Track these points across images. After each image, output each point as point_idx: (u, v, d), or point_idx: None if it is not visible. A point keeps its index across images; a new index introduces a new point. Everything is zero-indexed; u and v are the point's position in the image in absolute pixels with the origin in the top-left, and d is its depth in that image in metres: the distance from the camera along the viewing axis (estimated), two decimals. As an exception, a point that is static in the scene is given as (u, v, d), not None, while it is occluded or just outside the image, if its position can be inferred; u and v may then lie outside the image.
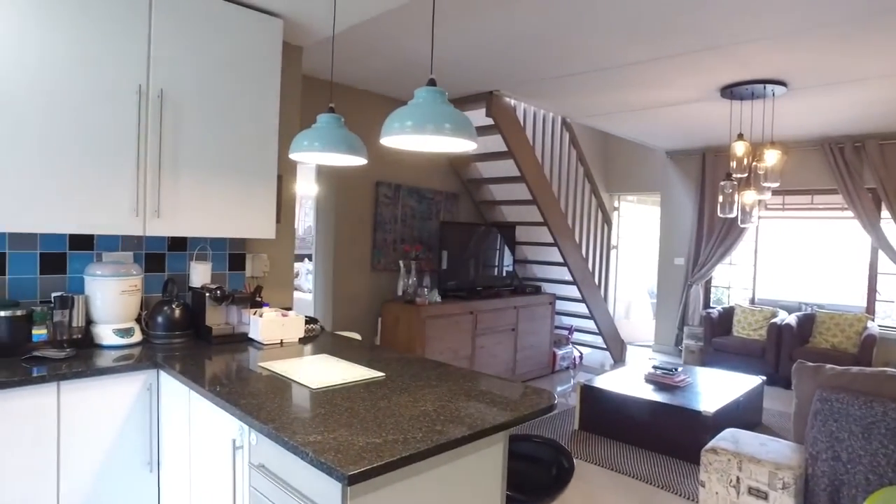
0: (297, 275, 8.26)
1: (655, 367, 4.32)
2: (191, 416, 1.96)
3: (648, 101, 4.84)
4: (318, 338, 2.75)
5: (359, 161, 2.20)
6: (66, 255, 2.47)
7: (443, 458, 1.49)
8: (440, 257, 4.97)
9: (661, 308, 7.34)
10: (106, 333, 2.35)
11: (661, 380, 4.18)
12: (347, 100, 4.62)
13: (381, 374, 2.03)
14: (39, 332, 2.21)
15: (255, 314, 2.63)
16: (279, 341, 2.59)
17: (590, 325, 6.46)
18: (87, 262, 2.49)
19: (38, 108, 2.08)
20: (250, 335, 2.62)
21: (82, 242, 2.51)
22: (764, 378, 4.43)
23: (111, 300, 2.37)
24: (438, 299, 4.76)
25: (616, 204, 8.21)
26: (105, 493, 2.07)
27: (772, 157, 4.37)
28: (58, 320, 2.26)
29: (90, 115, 2.20)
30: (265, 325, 2.56)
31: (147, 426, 2.15)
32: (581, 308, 6.33)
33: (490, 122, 4.87)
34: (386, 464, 1.30)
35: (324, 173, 4.63)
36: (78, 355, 2.18)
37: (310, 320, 2.85)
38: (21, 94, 2.05)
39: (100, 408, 2.04)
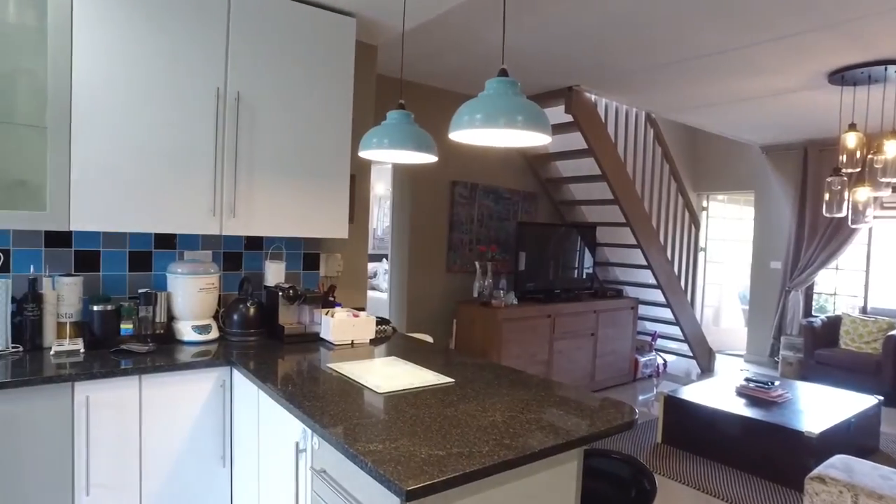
0: (375, 274, 8.37)
1: (748, 380, 3.97)
2: (259, 414, 1.96)
3: (745, 92, 4.48)
4: (389, 339, 2.71)
5: (429, 158, 2.13)
6: (151, 253, 2.57)
7: (510, 476, 1.38)
8: (517, 258, 4.84)
9: (754, 315, 6.82)
10: (185, 329, 2.42)
11: (756, 394, 3.84)
12: (418, 97, 4.59)
13: (450, 379, 1.95)
14: (126, 327, 2.31)
15: (326, 314, 2.63)
16: (350, 342, 2.57)
17: (675, 331, 6.09)
18: (170, 261, 2.58)
19: (125, 115, 2.17)
20: (322, 335, 2.62)
21: (166, 241, 2.61)
22: (881, 398, 3.96)
23: (190, 297, 2.44)
24: (515, 301, 4.63)
25: (704, 204, 7.73)
26: (182, 484, 2.12)
27: (892, 149, 3.90)
28: (143, 315, 2.35)
29: (172, 120, 2.26)
30: (336, 325, 2.55)
31: (221, 421, 2.19)
32: (666, 313, 5.98)
33: (569, 118, 4.68)
34: (448, 479, 1.21)
35: (400, 173, 4.63)
36: (159, 350, 2.25)
37: (381, 321, 2.82)
38: (109, 104, 2.14)
39: (177, 401, 2.09)
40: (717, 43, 3.47)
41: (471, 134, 1.66)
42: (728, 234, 8.04)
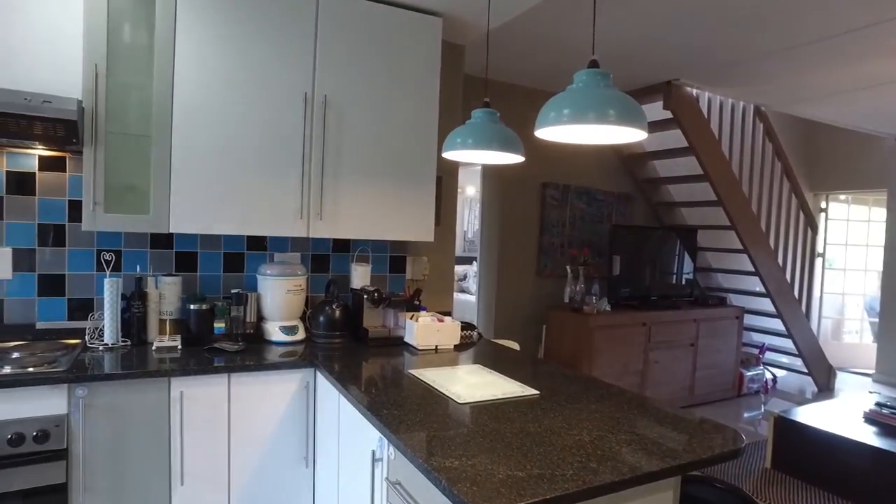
0: (465, 277, 8.35)
1: (880, 405, 3.51)
2: (340, 417, 1.95)
3: (878, 75, 3.98)
4: (474, 346, 2.63)
5: (514, 158, 2.03)
6: (244, 254, 2.66)
7: (598, 504, 1.26)
8: (611, 263, 4.61)
9: (886, 329, 6.08)
10: (273, 330, 2.48)
11: (890, 421, 3.39)
12: (507, 97, 4.48)
13: (534, 391, 1.84)
14: (219, 325, 2.39)
15: (411, 318, 2.60)
16: (434, 347, 2.52)
17: (787, 344, 5.56)
18: (261, 262, 2.65)
19: (218, 123, 2.25)
20: (406, 339, 2.59)
21: (258, 243, 2.69)
22: None
23: (278, 298, 2.50)
24: (608, 308, 4.41)
25: (823, 205, 7.01)
26: (267, 481, 2.16)
27: None
28: (234, 315, 2.43)
29: (261, 125, 2.33)
30: (420, 330, 2.51)
31: (304, 422, 2.21)
32: (776, 324, 5.47)
33: (668, 115, 4.40)
34: (527, 505, 1.11)
35: (489, 175, 4.55)
36: (248, 349, 2.32)
37: (466, 326, 2.76)
38: (204, 113, 2.23)
39: (263, 400, 2.14)
40: (845, 21, 3.10)
41: (559, 131, 1.55)
42: (852, 238, 7.25)
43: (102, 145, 2.09)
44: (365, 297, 2.61)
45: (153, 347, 2.22)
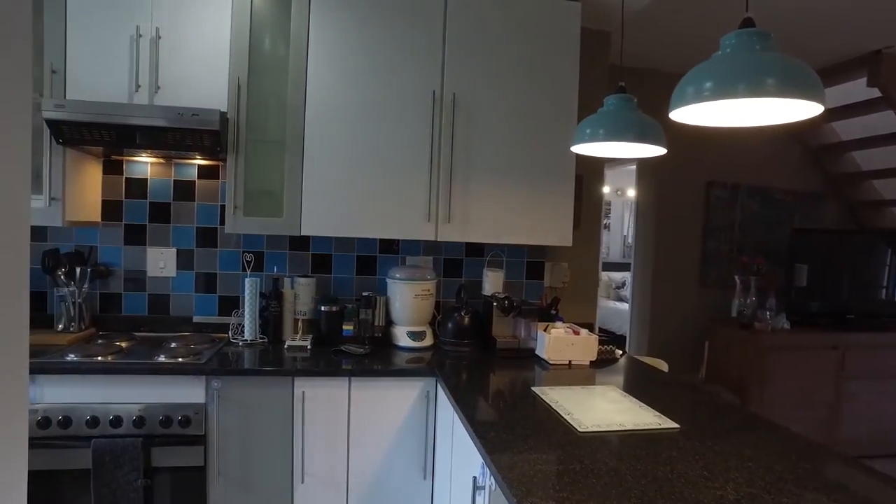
0: (623, 284, 7.85)
1: None
2: (454, 432, 1.83)
3: None
4: (614, 363, 2.36)
5: (654, 150, 1.75)
6: (376, 258, 2.67)
7: (743, 587, 0.97)
8: (791, 273, 3.94)
9: None
10: (401, 335, 2.44)
11: None
12: (656, 86, 4.03)
13: (674, 424, 1.55)
14: (348, 328, 2.41)
15: (544, 329, 2.40)
16: (567, 362, 2.30)
17: None
18: (393, 265, 2.64)
19: (347, 126, 2.27)
20: (537, 352, 2.40)
21: (390, 246, 2.68)
22: None
23: (406, 303, 2.45)
24: (787, 325, 3.76)
25: None
26: (384, 488, 2.11)
27: None
28: (363, 318, 2.43)
29: (389, 127, 2.30)
30: (552, 342, 2.30)
31: (423, 432, 2.13)
32: None
33: (874, 93, 3.63)
34: (638, 580, 0.88)
35: (645, 173, 4.15)
36: (374, 353, 2.30)
37: (605, 341, 2.48)
38: (334, 116, 2.26)
39: (383, 406, 2.09)
40: None
41: (700, 111, 1.26)
42: None
43: (243, 152, 2.21)
44: (494, 304, 2.46)
45: (285, 346, 2.30)
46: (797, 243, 3.92)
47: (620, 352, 2.50)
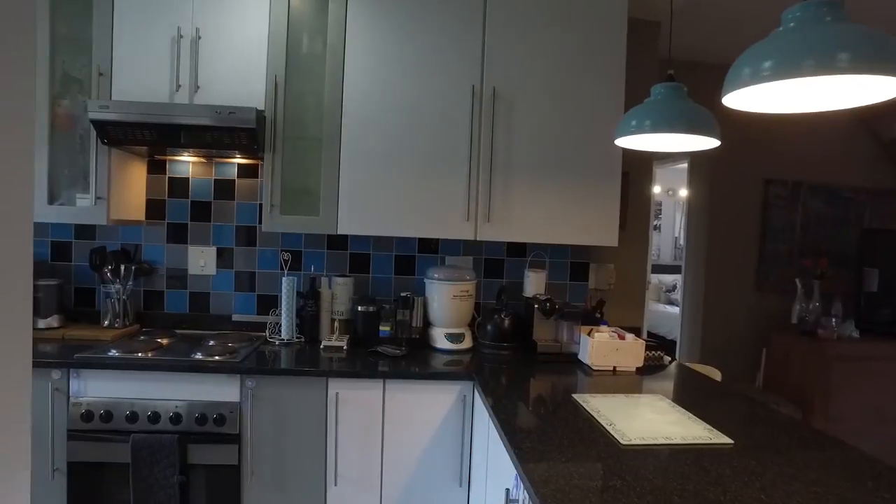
0: (675, 287, 7.58)
1: None
2: (489, 439, 1.75)
3: None
4: (662, 370, 2.23)
5: (706, 143, 1.63)
6: (415, 257, 2.62)
7: None
8: (859, 277, 3.67)
9: None
10: (439, 336, 2.38)
11: None
12: (714, 79, 3.82)
13: (727, 440, 1.42)
14: (385, 329, 2.37)
15: (587, 333, 2.29)
16: (611, 368, 2.18)
17: None
18: (432, 265, 2.58)
19: (384, 123, 2.23)
20: (579, 356, 2.29)
21: (429, 246, 2.62)
22: None
23: (444, 304, 2.39)
24: (855, 334, 3.50)
25: None
26: (418, 495, 2.05)
27: None
28: (400, 319, 2.38)
29: (427, 124, 2.25)
30: (595, 346, 2.19)
31: (459, 437, 2.05)
32: None
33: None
34: None
35: (697, 171, 3.96)
36: (411, 354, 2.24)
37: (652, 346, 2.35)
38: (371, 113, 2.22)
39: (418, 410, 2.03)
40: None
41: (758, 95, 1.15)
42: None
43: (280, 151, 2.20)
44: (536, 306, 2.37)
45: (321, 346, 2.28)
46: (867, 245, 3.65)
47: (669, 358, 2.36)
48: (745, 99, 1.16)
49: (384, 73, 2.22)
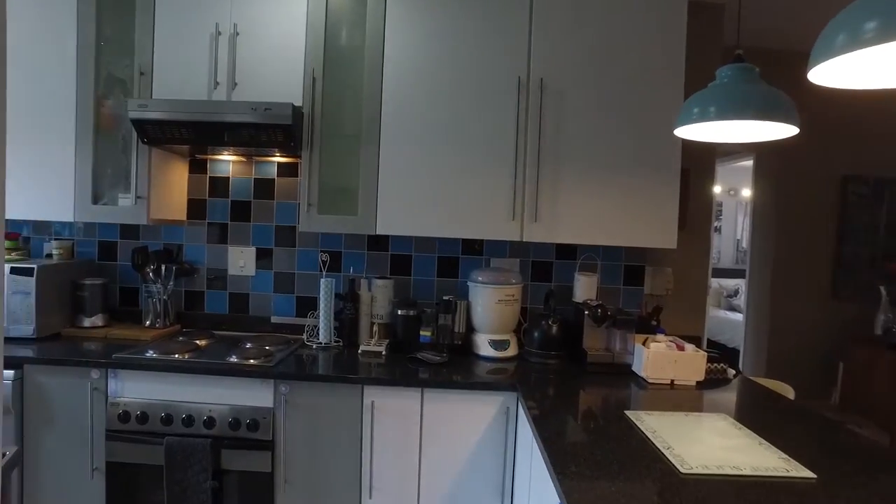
0: (737, 293, 7.17)
1: None
2: (532, 457, 1.61)
3: None
4: (725, 384, 2.03)
5: (784, 130, 1.44)
6: (458, 259, 2.50)
7: None
8: (953, 285, 3.30)
9: None
10: (482, 343, 2.25)
11: None
12: (776, 69, 3.53)
13: (809, 473, 1.23)
14: (425, 334, 2.26)
15: (642, 342, 2.12)
16: (669, 382, 2.00)
17: None
18: (476, 268, 2.46)
19: (425, 119, 2.13)
20: (633, 368, 2.12)
21: (473, 247, 2.50)
22: None
23: (488, 309, 2.26)
24: (947, 348, 3.15)
25: None
26: (461, 515, 1.93)
27: None
28: (441, 324, 2.27)
29: (470, 119, 2.13)
30: (651, 358, 2.01)
31: (502, 452, 1.92)
32: None
33: None
34: None
35: (764, 168, 3.68)
36: (452, 361, 2.13)
37: (714, 359, 2.15)
38: (411, 110, 2.13)
39: (457, 421, 1.92)
40: None
41: (852, 66, 0.97)
42: None
43: (317, 148, 2.13)
44: (586, 312, 2.21)
45: (359, 351, 2.19)
46: (962, 249, 3.28)
47: (733, 371, 2.15)
48: (835, 72, 0.98)
49: (424, 67, 2.12)
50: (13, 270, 2.15)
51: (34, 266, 2.16)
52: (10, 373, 1.95)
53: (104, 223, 2.45)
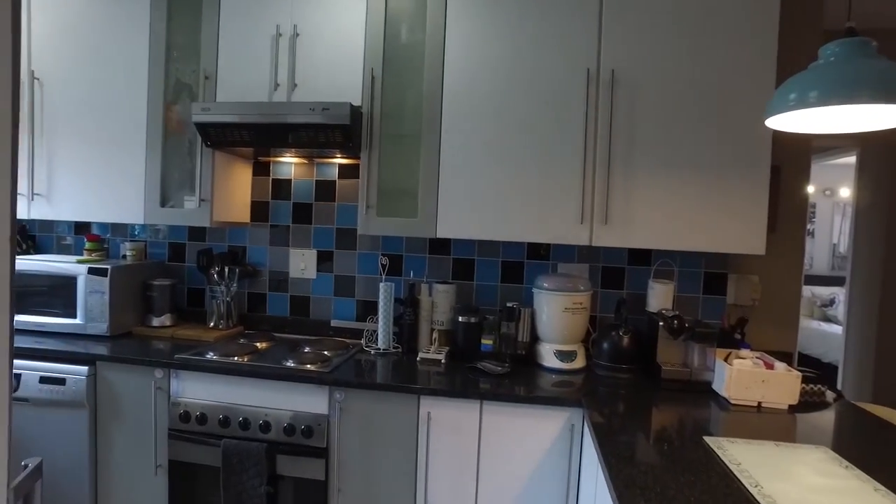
0: (833, 302, 6.58)
1: None
2: (597, 482, 1.47)
3: None
4: (823, 408, 1.79)
5: (902, 117, 1.22)
6: (523, 264, 2.38)
7: None
8: None
9: None
10: (547, 353, 2.12)
11: None
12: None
13: (933, 522, 1.03)
14: (487, 342, 2.16)
15: (724, 358, 1.91)
16: (755, 404, 1.79)
17: None
18: (542, 273, 2.33)
19: (487, 118, 2.03)
20: (713, 386, 1.92)
21: (540, 251, 2.37)
22: None
23: (554, 317, 2.12)
24: None
25: None
26: (521, 538, 1.81)
27: None
28: (504, 332, 2.16)
29: (534, 116, 2.01)
30: (735, 376, 1.81)
31: (565, 472, 1.78)
32: None
33: None
34: None
35: (871, 162, 3.31)
36: (514, 372, 2.01)
37: (811, 379, 1.91)
38: (473, 108, 2.04)
39: (518, 437, 1.79)
40: None
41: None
42: None
43: (377, 148, 2.08)
44: (661, 323, 2.03)
45: (418, 358, 2.11)
46: None
47: (833, 394, 1.91)
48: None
49: (486, 62, 2.02)
50: (90, 271, 2.23)
51: (108, 266, 2.23)
52: (83, 369, 2.02)
53: (174, 226, 2.51)
